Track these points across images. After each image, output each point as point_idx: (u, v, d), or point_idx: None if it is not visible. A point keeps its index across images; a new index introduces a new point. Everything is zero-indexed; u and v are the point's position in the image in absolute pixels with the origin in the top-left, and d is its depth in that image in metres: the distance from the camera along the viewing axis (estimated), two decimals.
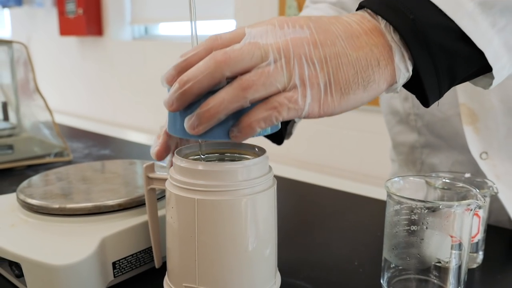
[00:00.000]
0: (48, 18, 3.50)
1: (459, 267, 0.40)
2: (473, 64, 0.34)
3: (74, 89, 3.52)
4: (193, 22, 0.37)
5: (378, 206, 0.67)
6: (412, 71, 0.33)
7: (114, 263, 0.43)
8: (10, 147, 0.84)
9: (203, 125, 0.31)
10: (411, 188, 0.44)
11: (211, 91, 0.31)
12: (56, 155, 0.89)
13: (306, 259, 0.52)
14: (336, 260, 0.51)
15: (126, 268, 0.44)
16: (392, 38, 0.32)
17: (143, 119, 2.97)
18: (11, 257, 0.41)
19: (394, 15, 0.32)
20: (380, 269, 0.44)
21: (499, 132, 0.60)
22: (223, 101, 0.30)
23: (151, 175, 0.41)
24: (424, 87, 0.33)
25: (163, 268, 0.42)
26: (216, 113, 0.31)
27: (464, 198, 0.41)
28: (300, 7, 2.06)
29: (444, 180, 0.44)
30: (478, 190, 0.40)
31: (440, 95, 0.34)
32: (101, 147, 1.02)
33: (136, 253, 0.44)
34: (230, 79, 0.31)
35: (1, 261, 0.43)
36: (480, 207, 0.40)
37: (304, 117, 0.32)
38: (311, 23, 0.32)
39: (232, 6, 2.39)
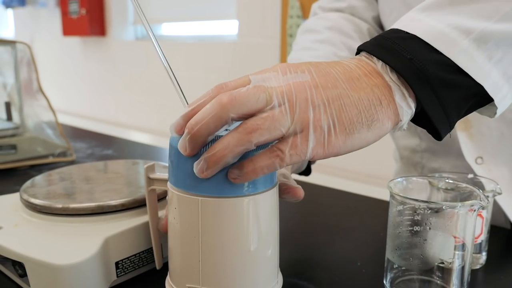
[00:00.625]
0: (51, 18, 3.51)
1: (462, 268, 0.40)
2: (475, 95, 0.35)
3: (77, 89, 3.53)
4: (146, 23, 0.38)
5: (381, 207, 0.67)
6: (417, 107, 0.34)
7: (117, 263, 0.43)
8: (14, 147, 0.84)
9: (211, 168, 0.32)
10: (414, 189, 0.44)
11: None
12: (59, 155, 0.89)
13: (309, 259, 0.52)
14: (338, 260, 0.51)
15: (129, 268, 0.44)
16: (390, 78, 0.33)
17: (145, 119, 2.98)
18: (15, 257, 0.41)
19: (391, 56, 0.33)
20: (383, 270, 0.44)
21: (493, 137, 0.60)
22: (228, 144, 0.31)
23: (152, 176, 0.41)
24: (433, 122, 0.34)
25: (165, 268, 0.42)
26: (223, 157, 0.31)
27: (467, 198, 0.41)
28: (303, 7, 2.05)
29: (447, 180, 0.44)
30: (481, 191, 0.40)
31: (450, 127, 0.35)
32: (104, 147, 1.02)
33: (139, 253, 0.45)
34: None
35: (5, 260, 0.43)
36: (483, 208, 0.40)
37: (310, 159, 0.32)
38: (311, 67, 0.33)
39: (234, 6, 2.39)
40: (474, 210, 0.39)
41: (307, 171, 0.58)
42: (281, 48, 2.18)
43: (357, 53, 0.37)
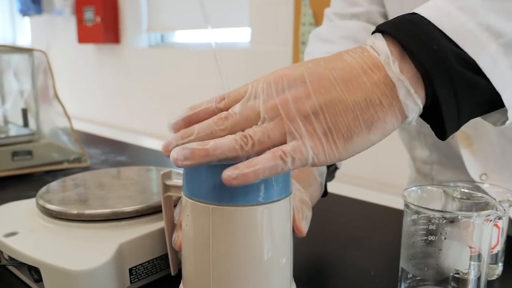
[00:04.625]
0: (67, 26, 3.57)
1: (478, 279, 0.40)
2: (490, 101, 0.34)
3: (92, 95, 3.57)
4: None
5: (394, 215, 0.67)
6: (426, 103, 0.33)
7: (130, 269, 0.43)
8: (30, 153, 0.85)
9: (195, 161, 0.32)
10: (429, 198, 0.44)
11: None
12: (73, 161, 0.90)
13: (322, 268, 0.52)
14: (352, 269, 0.51)
15: (142, 275, 0.44)
16: (394, 73, 0.32)
17: (159, 126, 2.99)
18: (31, 262, 0.42)
19: (414, 43, 0.32)
20: (397, 279, 0.43)
21: (495, 154, 0.60)
22: (222, 145, 0.31)
23: (168, 182, 0.41)
24: (444, 121, 0.33)
25: (179, 275, 0.42)
26: (212, 155, 0.31)
27: (483, 208, 0.40)
28: (315, 14, 2.06)
29: (462, 189, 0.44)
30: (497, 200, 0.39)
31: (457, 129, 0.34)
32: (117, 153, 1.03)
33: (152, 260, 0.45)
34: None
35: (21, 265, 0.43)
36: (499, 218, 0.39)
37: (312, 165, 0.32)
38: (306, 73, 0.32)
39: (247, 14, 2.40)
40: (490, 220, 0.38)
41: (324, 193, 0.58)
42: (294, 55, 2.19)
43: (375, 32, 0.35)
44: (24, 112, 0.93)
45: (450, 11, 0.32)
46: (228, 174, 0.30)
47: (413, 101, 0.32)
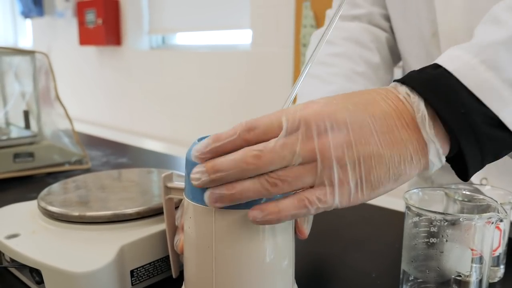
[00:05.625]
0: (68, 28, 3.58)
1: (480, 281, 0.40)
2: None
3: (93, 97, 3.58)
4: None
5: (396, 217, 0.67)
6: (455, 154, 0.34)
7: (132, 271, 0.43)
8: (31, 154, 0.85)
9: (223, 204, 0.33)
10: (430, 200, 0.44)
11: None
12: (75, 162, 0.90)
13: (323, 270, 0.51)
14: (353, 271, 0.51)
15: (143, 277, 0.44)
16: (428, 134, 0.33)
17: (160, 128, 3.00)
18: (32, 264, 0.42)
19: (444, 107, 0.32)
20: (398, 282, 0.43)
21: None
22: (248, 190, 0.31)
23: (169, 184, 0.41)
24: (468, 171, 0.34)
25: (180, 277, 0.42)
26: (238, 199, 0.32)
27: (485, 210, 0.40)
28: (316, 17, 2.06)
29: (464, 192, 0.44)
30: (499, 203, 0.39)
31: (479, 169, 0.35)
32: (119, 155, 1.04)
33: (154, 262, 0.45)
34: None
35: (22, 267, 0.43)
36: (501, 220, 0.39)
37: (332, 209, 0.33)
38: (348, 119, 0.32)
39: (248, 16, 2.41)
40: (492, 223, 0.38)
41: None
42: (295, 57, 2.19)
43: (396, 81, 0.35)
44: (26, 114, 0.94)
45: (474, 66, 0.34)
46: (254, 215, 0.32)
47: (439, 160, 0.34)
